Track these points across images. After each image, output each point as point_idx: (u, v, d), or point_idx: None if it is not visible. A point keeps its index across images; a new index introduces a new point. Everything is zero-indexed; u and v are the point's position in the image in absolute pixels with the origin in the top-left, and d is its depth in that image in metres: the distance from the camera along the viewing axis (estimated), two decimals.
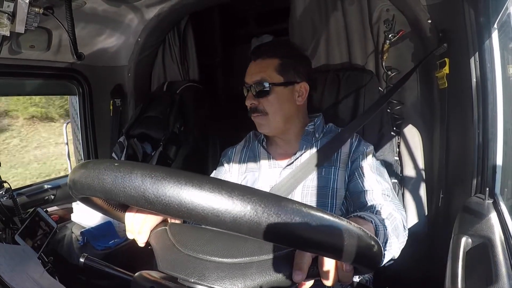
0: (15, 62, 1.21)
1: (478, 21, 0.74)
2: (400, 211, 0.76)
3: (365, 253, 0.37)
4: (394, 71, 1.11)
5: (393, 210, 0.74)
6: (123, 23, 1.35)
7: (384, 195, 0.79)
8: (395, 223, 0.70)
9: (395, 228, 0.69)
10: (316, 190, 0.86)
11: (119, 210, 0.55)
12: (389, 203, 0.76)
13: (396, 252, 0.69)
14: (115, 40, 1.42)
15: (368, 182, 0.82)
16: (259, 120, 0.91)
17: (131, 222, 0.54)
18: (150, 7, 1.30)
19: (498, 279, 0.50)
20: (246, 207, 0.31)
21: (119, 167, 0.35)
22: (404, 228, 0.74)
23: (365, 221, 0.62)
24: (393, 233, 0.67)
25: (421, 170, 1.07)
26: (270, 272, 0.42)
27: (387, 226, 0.66)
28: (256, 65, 0.91)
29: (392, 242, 0.65)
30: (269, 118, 0.90)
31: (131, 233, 0.55)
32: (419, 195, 1.05)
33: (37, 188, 1.45)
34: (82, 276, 1.22)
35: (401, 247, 0.71)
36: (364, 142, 0.92)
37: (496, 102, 0.72)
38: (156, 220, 0.54)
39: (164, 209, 0.33)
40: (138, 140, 1.39)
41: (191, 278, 0.43)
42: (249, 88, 0.90)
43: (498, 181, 0.71)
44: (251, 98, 0.90)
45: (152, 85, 1.61)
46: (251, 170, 0.96)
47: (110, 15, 1.26)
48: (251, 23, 1.89)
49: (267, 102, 0.89)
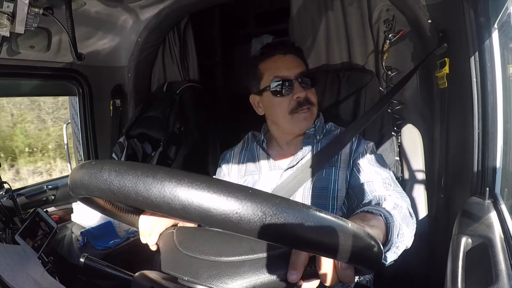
0: (15, 62, 1.21)
1: (478, 21, 0.74)
2: (404, 198, 0.75)
3: (365, 253, 0.37)
4: (394, 71, 1.11)
5: (397, 198, 0.73)
6: (123, 24, 1.35)
7: (386, 184, 0.78)
8: (403, 212, 0.69)
9: (404, 217, 0.67)
10: (317, 191, 0.86)
11: (131, 214, 0.56)
12: (392, 192, 0.75)
13: (409, 241, 0.67)
14: (115, 40, 1.42)
15: (368, 175, 0.82)
16: (308, 113, 0.88)
17: (143, 226, 0.55)
18: (150, 7, 1.30)
19: (498, 279, 0.50)
20: (242, 204, 0.31)
21: (120, 167, 0.35)
22: (411, 215, 0.72)
23: (374, 215, 0.61)
24: (403, 222, 0.65)
25: (421, 170, 1.06)
26: (263, 271, 0.41)
27: (396, 217, 0.64)
28: (290, 58, 0.89)
29: (404, 233, 0.64)
30: (314, 110, 0.89)
31: (144, 236, 0.56)
32: (419, 195, 1.05)
33: (37, 189, 1.45)
34: (82, 276, 1.22)
35: (412, 235, 0.69)
36: (364, 141, 0.91)
37: (496, 102, 0.72)
38: (166, 223, 0.55)
39: (153, 208, 0.33)
40: (138, 140, 1.39)
41: (186, 276, 0.43)
42: (295, 80, 0.87)
43: (498, 181, 0.71)
44: (302, 89, 0.87)
45: (152, 85, 1.61)
46: (251, 172, 0.95)
47: (110, 15, 1.26)
48: (251, 23, 1.89)
49: (312, 93, 0.89)
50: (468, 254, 0.60)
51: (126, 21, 1.34)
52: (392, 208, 0.67)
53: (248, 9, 1.83)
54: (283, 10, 1.38)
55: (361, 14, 1.15)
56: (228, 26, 1.86)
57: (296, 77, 0.86)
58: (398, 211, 0.67)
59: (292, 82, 0.86)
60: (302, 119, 0.88)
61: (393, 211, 0.66)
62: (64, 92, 1.68)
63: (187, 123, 1.41)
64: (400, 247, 0.63)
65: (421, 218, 1.04)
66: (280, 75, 0.87)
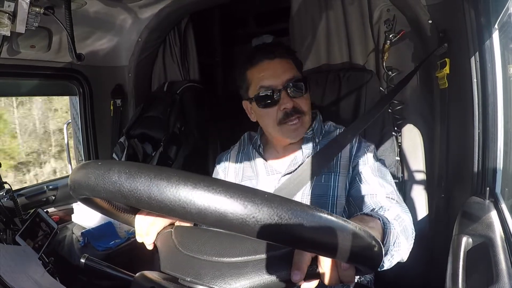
0: (15, 62, 1.21)
1: (478, 21, 0.74)
2: (407, 213, 0.73)
3: (366, 253, 0.37)
4: (395, 71, 1.11)
5: (400, 212, 0.71)
6: (123, 23, 1.35)
7: (389, 198, 0.76)
8: (403, 224, 0.67)
9: (404, 230, 0.66)
10: (316, 198, 0.83)
11: (127, 213, 0.56)
12: (395, 206, 0.73)
13: (405, 254, 0.66)
14: (115, 40, 1.42)
15: (371, 186, 0.79)
16: (298, 124, 0.82)
17: (140, 225, 0.55)
18: (150, 7, 1.30)
19: (498, 279, 0.50)
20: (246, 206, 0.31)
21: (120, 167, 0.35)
22: (412, 231, 0.71)
23: (372, 218, 0.60)
24: (402, 234, 0.64)
25: (421, 170, 1.07)
26: (266, 272, 0.42)
27: (396, 226, 0.63)
28: (279, 63, 0.82)
29: (401, 243, 0.63)
30: (305, 119, 0.83)
31: (140, 236, 0.55)
32: (420, 195, 1.05)
33: (37, 189, 1.45)
34: (82, 277, 1.22)
35: (410, 249, 0.67)
36: (365, 143, 0.88)
37: (496, 102, 0.72)
38: (164, 223, 0.55)
39: (167, 212, 0.33)
40: (138, 140, 1.39)
41: (188, 277, 0.43)
42: (282, 89, 0.80)
43: (498, 181, 0.71)
44: (290, 99, 0.80)
45: (152, 85, 1.61)
46: (249, 178, 0.92)
47: (111, 15, 1.26)
48: (251, 23, 1.89)
49: (304, 101, 0.82)
50: (468, 254, 0.60)
51: (126, 21, 1.34)
52: (393, 218, 0.66)
53: (248, 9, 1.83)
54: (283, 10, 1.39)
55: (361, 14, 1.15)
56: (228, 26, 1.87)
57: (284, 85, 0.80)
58: (398, 223, 0.66)
59: (279, 92, 0.81)
60: (292, 131, 0.83)
61: (393, 220, 0.65)
62: (64, 92, 1.68)
63: (187, 123, 1.41)
64: (395, 257, 0.62)
65: (421, 218, 1.04)
66: (265, 85, 0.81)
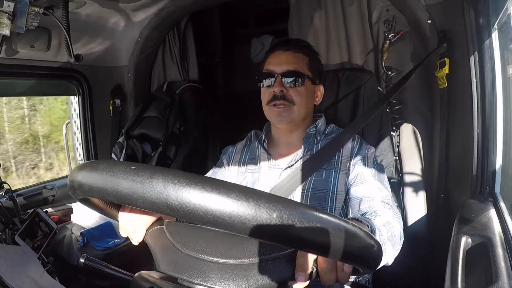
0: (15, 62, 1.21)
1: (478, 21, 0.74)
2: (398, 219, 0.76)
3: (365, 253, 0.38)
4: (394, 71, 1.12)
5: (391, 218, 0.74)
6: (123, 23, 1.35)
7: (384, 202, 0.79)
8: (392, 231, 0.70)
9: (391, 236, 0.69)
10: (316, 193, 0.86)
11: (113, 208, 0.54)
12: (388, 211, 0.76)
13: (389, 259, 0.70)
14: (114, 40, 1.41)
15: (369, 189, 0.82)
16: (282, 109, 0.88)
17: (125, 220, 0.53)
18: (150, 7, 1.30)
19: (498, 279, 0.50)
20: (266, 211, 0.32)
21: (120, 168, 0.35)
22: (401, 237, 0.74)
23: (362, 224, 0.62)
24: (388, 241, 0.67)
25: (420, 170, 1.07)
26: (272, 273, 0.42)
27: (383, 233, 0.66)
28: (288, 55, 0.89)
29: (386, 249, 0.66)
30: (294, 108, 0.88)
31: (125, 231, 0.54)
32: (419, 195, 1.05)
33: (37, 189, 1.44)
34: (82, 277, 1.22)
35: (395, 255, 0.72)
36: (366, 145, 0.91)
37: (496, 102, 0.72)
38: (151, 219, 0.53)
39: (167, 212, 0.33)
40: (137, 141, 1.39)
41: (194, 279, 0.43)
42: (279, 75, 0.87)
43: (498, 181, 0.71)
44: (280, 85, 0.87)
45: (152, 85, 1.61)
46: (251, 171, 0.96)
47: (111, 15, 1.26)
48: (251, 23, 1.89)
49: (297, 92, 0.88)
50: (468, 253, 0.60)
51: (126, 21, 1.34)
52: (382, 225, 0.69)
53: (248, 9, 1.83)
54: (283, 10, 1.39)
55: (361, 14, 1.15)
56: (228, 26, 1.87)
57: (282, 73, 0.87)
58: (387, 229, 0.69)
59: (275, 77, 0.88)
60: (275, 114, 0.89)
61: (382, 227, 0.68)
62: (64, 92, 1.68)
63: (186, 123, 1.41)
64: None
65: (420, 218, 1.04)
66: (269, 68, 0.90)
